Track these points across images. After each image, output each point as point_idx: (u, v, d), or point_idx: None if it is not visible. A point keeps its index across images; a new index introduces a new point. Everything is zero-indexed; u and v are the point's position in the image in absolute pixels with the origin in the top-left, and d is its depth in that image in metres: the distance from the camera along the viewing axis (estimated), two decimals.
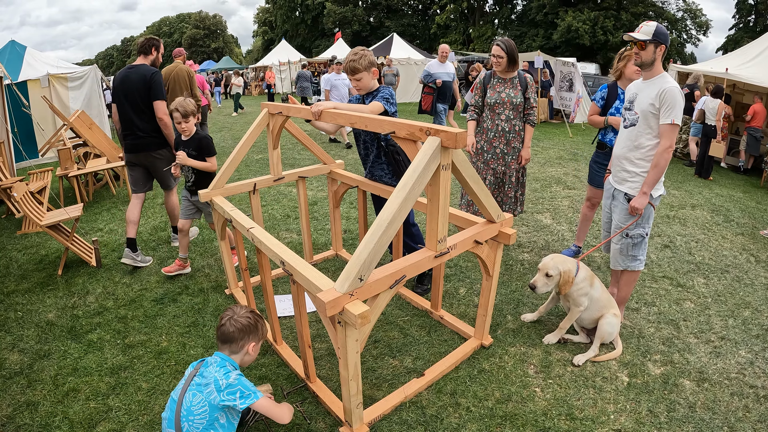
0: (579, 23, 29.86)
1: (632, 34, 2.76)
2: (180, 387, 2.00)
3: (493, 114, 4.10)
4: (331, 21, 42.90)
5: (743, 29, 30.87)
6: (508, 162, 4.16)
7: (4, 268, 4.18)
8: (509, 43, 3.96)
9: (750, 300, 3.59)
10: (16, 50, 8.86)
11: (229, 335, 2.07)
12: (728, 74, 8.30)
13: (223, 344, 2.10)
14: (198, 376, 2.00)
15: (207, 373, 1.98)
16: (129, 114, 4.00)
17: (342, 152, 9.19)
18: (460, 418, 2.39)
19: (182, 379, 2.06)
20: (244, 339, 2.10)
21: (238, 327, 2.08)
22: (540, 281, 2.91)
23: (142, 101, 3.97)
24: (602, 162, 3.99)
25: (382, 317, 3.29)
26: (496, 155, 4.15)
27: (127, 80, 3.97)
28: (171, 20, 64.91)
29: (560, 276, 2.86)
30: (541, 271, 2.91)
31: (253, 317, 2.15)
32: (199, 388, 1.94)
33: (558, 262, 2.88)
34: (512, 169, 4.18)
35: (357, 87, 3.19)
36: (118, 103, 4.03)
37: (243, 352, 2.12)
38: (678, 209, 5.87)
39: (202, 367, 2.03)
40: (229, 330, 2.07)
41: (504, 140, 4.11)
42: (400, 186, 1.97)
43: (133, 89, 3.95)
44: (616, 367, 2.78)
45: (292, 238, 4.75)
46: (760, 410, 2.44)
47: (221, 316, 2.14)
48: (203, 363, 2.06)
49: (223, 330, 2.09)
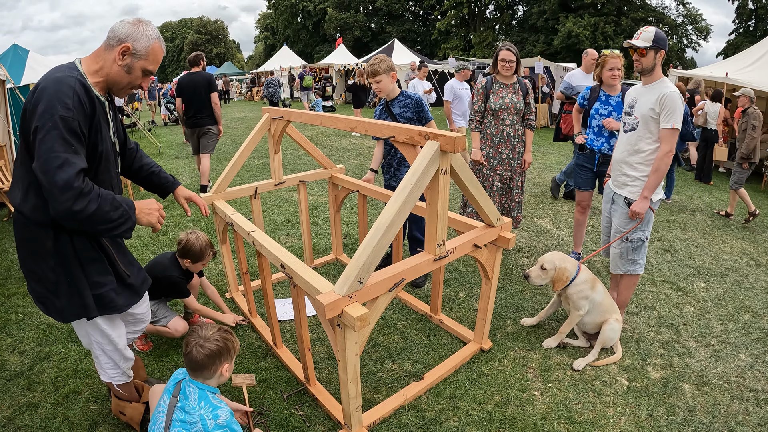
0: (579, 29, 29.94)
1: (632, 41, 2.78)
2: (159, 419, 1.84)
3: (497, 120, 4.12)
4: (332, 27, 43.08)
5: (743, 34, 30.90)
6: (513, 167, 4.20)
7: (6, 270, 4.19)
8: (516, 49, 4.03)
9: (750, 304, 3.59)
10: (19, 54, 8.88)
11: (199, 363, 1.86)
12: (728, 79, 8.32)
13: (193, 372, 1.90)
14: (179, 409, 1.82)
15: (190, 408, 1.81)
16: (194, 103, 5.94)
17: (343, 157, 9.22)
18: (460, 421, 2.39)
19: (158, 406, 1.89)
20: (215, 364, 1.89)
21: (207, 353, 1.86)
22: (534, 272, 2.98)
23: (204, 94, 5.92)
24: (583, 164, 4.08)
25: (382, 321, 3.29)
26: (502, 161, 4.18)
27: (193, 82, 5.93)
28: (173, 25, 65.20)
29: (555, 271, 2.89)
30: (538, 263, 2.97)
31: (222, 339, 1.91)
32: (184, 426, 1.78)
33: (556, 258, 2.93)
34: (518, 174, 4.23)
35: (377, 89, 3.48)
36: (185, 97, 5.97)
37: (217, 375, 1.93)
38: (678, 213, 5.88)
39: (181, 398, 1.86)
40: (198, 358, 1.85)
41: (509, 145, 4.14)
42: (399, 190, 1.99)
43: (199, 87, 5.91)
44: (616, 371, 2.78)
45: (293, 242, 4.76)
46: (760, 413, 2.44)
47: (186, 341, 1.91)
48: (182, 391, 1.88)
49: (191, 358, 1.86)
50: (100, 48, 1.82)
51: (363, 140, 11.07)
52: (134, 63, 1.81)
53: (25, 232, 1.82)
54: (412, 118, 3.50)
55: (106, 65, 1.80)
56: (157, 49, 1.85)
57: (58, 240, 1.81)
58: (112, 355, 2.07)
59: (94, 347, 2.05)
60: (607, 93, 3.90)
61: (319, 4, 44.62)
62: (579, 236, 4.29)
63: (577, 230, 4.30)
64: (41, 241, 1.80)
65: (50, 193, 1.60)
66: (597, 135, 3.95)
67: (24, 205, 1.77)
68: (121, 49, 1.77)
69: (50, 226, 1.78)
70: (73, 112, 1.65)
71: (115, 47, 1.78)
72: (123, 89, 1.88)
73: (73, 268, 1.84)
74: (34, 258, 1.84)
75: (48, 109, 1.61)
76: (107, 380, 2.15)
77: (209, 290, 3.28)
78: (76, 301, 1.86)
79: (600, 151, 3.94)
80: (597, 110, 3.91)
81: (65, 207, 1.61)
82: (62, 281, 1.84)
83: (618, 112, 3.82)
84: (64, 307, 1.86)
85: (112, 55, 1.78)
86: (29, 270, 1.87)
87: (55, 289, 1.85)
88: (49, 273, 1.83)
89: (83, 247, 1.85)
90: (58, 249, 1.81)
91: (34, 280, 1.88)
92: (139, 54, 1.80)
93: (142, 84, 1.91)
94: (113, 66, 1.79)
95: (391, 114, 3.53)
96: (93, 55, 1.84)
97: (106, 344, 2.03)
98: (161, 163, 8.95)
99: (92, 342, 2.02)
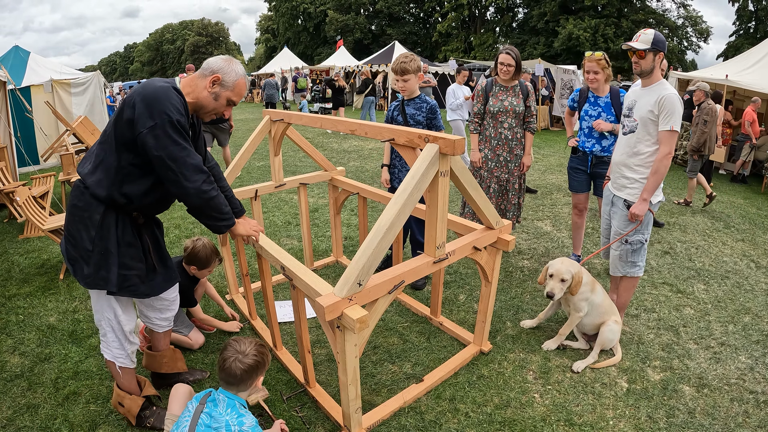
0: (580, 31, 29.95)
1: (631, 43, 2.79)
2: (184, 423, 1.87)
3: (495, 122, 4.13)
4: (333, 29, 43.13)
5: (743, 36, 30.91)
6: (511, 169, 4.20)
7: (6, 271, 4.20)
8: (516, 51, 4.00)
9: (750, 306, 3.59)
10: (20, 56, 8.91)
11: (237, 377, 1.94)
12: (728, 80, 8.33)
13: (229, 385, 1.97)
14: (205, 414, 1.87)
15: (216, 414, 1.86)
16: None
17: (343, 159, 9.23)
18: (459, 423, 2.39)
19: (185, 411, 1.94)
20: (252, 378, 1.99)
21: (245, 368, 1.94)
22: (557, 288, 2.85)
23: None
24: (577, 167, 4.08)
25: (382, 323, 3.30)
26: (499, 163, 4.19)
27: None
28: (174, 27, 65.45)
29: (572, 279, 2.83)
30: (556, 277, 2.85)
31: (259, 353, 2.01)
32: (208, 430, 1.82)
33: (567, 265, 2.86)
34: (515, 176, 4.22)
35: (402, 88, 3.42)
36: None
37: (251, 389, 2.03)
38: (678, 216, 5.88)
39: (209, 405, 1.91)
40: (236, 373, 1.93)
41: (507, 148, 4.15)
42: (399, 192, 1.99)
43: None
44: (616, 373, 2.78)
45: (293, 244, 4.77)
46: (760, 416, 2.44)
47: (223, 357, 1.98)
48: (210, 399, 1.94)
49: (228, 372, 1.94)
50: (194, 75, 2.09)
51: (363, 142, 11.08)
52: (221, 92, 2.07)
53: (80, 200, 2.02)
54: (422, 122, 3.48)
55: (197, 90, 2.06)
56: (241, 84, 2.11)
57: (106, 216, 2.02)
58: (119, 334, 2.20)
59: (104, 323, 2.18)
60: (595, 95, 3.92)
61: (320, 6, 44.72)
62: (578, 239, 4.30)
63: (575, 233, 4.31)
64: (91, 211, 2.01)
65: (181, 174, 1.90)
66: (587, 137, 3.96)
67: (90, 176, 1.99)
68: (212, 78, 2.03)
69: (103, 202, 2.00)
70: (184, 117, 1.95)
71: (207, 76, 2.04)
72: (207, 113, 2.13)
73: (110, 244, 2.03)
74: (78, 224, 2.02)
75: (163, 109, 1.86)
76: (111, 359, 2.24)
77: (210, 290, 3.29)
78: (102, 274, 2.03)
79: (592, 152, 3.93)
80: (586, 112, 3.94)
81: (196, 186, 1.94)
82: (96, 252, 2.02)
83: (607, 113, 3.83)
84: (90, 274, 2.02)
85: (204, 83, 2.04)
86: (70, 233, 2.05)
87: (87, 257, 2.02)
88: (86, 241, 2.01)
89: (124, 230, 2.07)
90: (103, 223, 2.01)
91: (70, 244, 2.05)
92: (227, 85, 2.07)
93: (225, 112, 2.17)
94: (203, 92, 2.05)
95: (404, 113, 3.52)
96: (187, 79, 2.09)
97: (114, 323, 2.18)
98: None
99: (102, 318, 2.17)
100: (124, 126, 1.91)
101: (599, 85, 3.84)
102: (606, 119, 3.83)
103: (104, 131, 2.03)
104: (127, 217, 2.08)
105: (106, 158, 1.98)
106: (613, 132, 3.81)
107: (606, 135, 3.87)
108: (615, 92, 3.85)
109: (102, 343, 2.25)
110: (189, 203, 2.02)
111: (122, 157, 1.96)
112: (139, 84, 2.02)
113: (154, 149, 1.87)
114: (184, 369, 2.66)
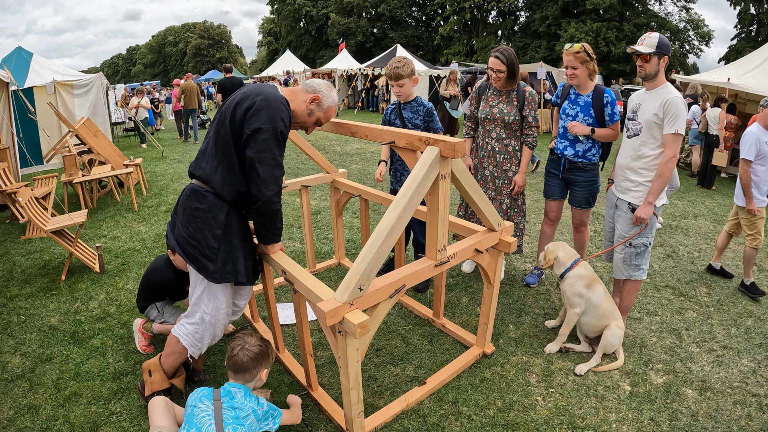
0: (582, 34, 29.97)
1: (636, 47, 2.78)
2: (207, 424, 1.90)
3: (483, 131, 3.67)
4: (335, 32, 43.25)
5: (745, 39, 30.96)
6: (498, 187, 3.64)
7: (8, 272, 4.20)
8: (509, 54, 3.41)
9: (753, 309, 3.58)
10: (23, 57, 8.94)
11: (243, 365, 2.08)
12: (730, 84, 8.32)
13: (236, 374, 2.10)
14: (229, 408, 1.96)
15: (239, 404, 1.98)
16: None
17: (345, 162, 9.24)
18: (462, 426, 2.38)
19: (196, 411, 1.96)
20: (257, 367, 2.12)
21: (251, 356, 2.08)
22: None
23: None
24: (551, 170, 3.63)
25: (384, 326, 3.29)
26: (485, 177, 3.69)
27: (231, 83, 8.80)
28: (176, 30, 65.69)
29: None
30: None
31: (264, 344, 2.17)
32: (238, 422, 1.93)
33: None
34: (503, 195, 3.64)
35: (398, 93, 3.42)
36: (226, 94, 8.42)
37: (256, 379, 2.15)
38: (681, 219, 5.87)
39: (225, 399, 2.00)
40: (243, 360, 2.07)
41: (494, 161, 3.63)
42: (399, 195, 1.99)
43: (236, 86, 7.99)
44: (618, 377, 2.77)
45: (295, 246, 4.77)
46: (762, 419, 2.43)
47: (231, 346, 2.13)
48: (225, 394, 2.02)
49: (236, 360, 2.08)
50: (297, 88, 2.33)
51: (366, 145, 11.08)
52: (316, 110, 2.32)
53: (201, 202, 2.20)
54: (420, 126, 3.47)
55: (296, 101, 2.28)
56: (333, 110, 2.38)
57: (230, 215, 2.23)
58: (208, 327, 2.35)
59: (206, 317, 2.33)
60: (576, 92, 3.39)
61: (322, 10, 44.84)
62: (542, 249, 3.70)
63: (540, 243, 3.84)
64: (215, 212, 2.20)
65: (261, 179, 2.09)
66: (561, 138, 3.49)
67: (213, 176, 2.17)
68: (313, 96, 2.27)
69: (228, 202, 2.21)
70: (288, 130, 2.16)
71: (309, 93, 2.28)
72: (296, 124, 2.35)
73: (234, 240, 2.25)
74: (201, 225, 2.20)
75: (273, 118, 2.07)
76: (187, 345, 2.38)
77: None
78: (230, 268, 2.24)
79: (564, 155, 3.46)
80: (564, 110, 3.45)
81: (269, 195, 2.12)
82: (222, 249, 2.22)
83: (585, 114, 3.31)
84: (218, 269, 2.21)
85: (305, 98, 2.28)
86: (190, 235, 2.21)
87: (212, 255, 2.20)
88: (212, 240, 2.19)
89: (244, 226, 2.34)
90: (228, 222, 2.22)
91: (190, 245, 2.21)
92: (323, 107, 2.32)
93: (309, 129, 2.41)
94: (302, 105, 2.28)
95: (401, 117, 3.51)
96: (289, 90, 2.30)
97: (220, 314, 2.35)
98: (164, 166, 8.98)
99: (206, 311, 2.32)
100: (237, 125, 2.10)
101: (580, 82, 3.30)
102: (583, 120, 3.31)
103: (212, 131, 2.22)
104: (241, 213, 2.32)
105: (226, 157, 2.16)
106: (590, 137, 3.31)
107: (581, 139, 3.36)
108: (599, 91, 3.28)
109: (182, 327, 2.38)
110: (257, 207, 2.17)
111: (241, 154, 2.14)
112: (251, 87, 2.23)
113: (251, 149, 2.06)
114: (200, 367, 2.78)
